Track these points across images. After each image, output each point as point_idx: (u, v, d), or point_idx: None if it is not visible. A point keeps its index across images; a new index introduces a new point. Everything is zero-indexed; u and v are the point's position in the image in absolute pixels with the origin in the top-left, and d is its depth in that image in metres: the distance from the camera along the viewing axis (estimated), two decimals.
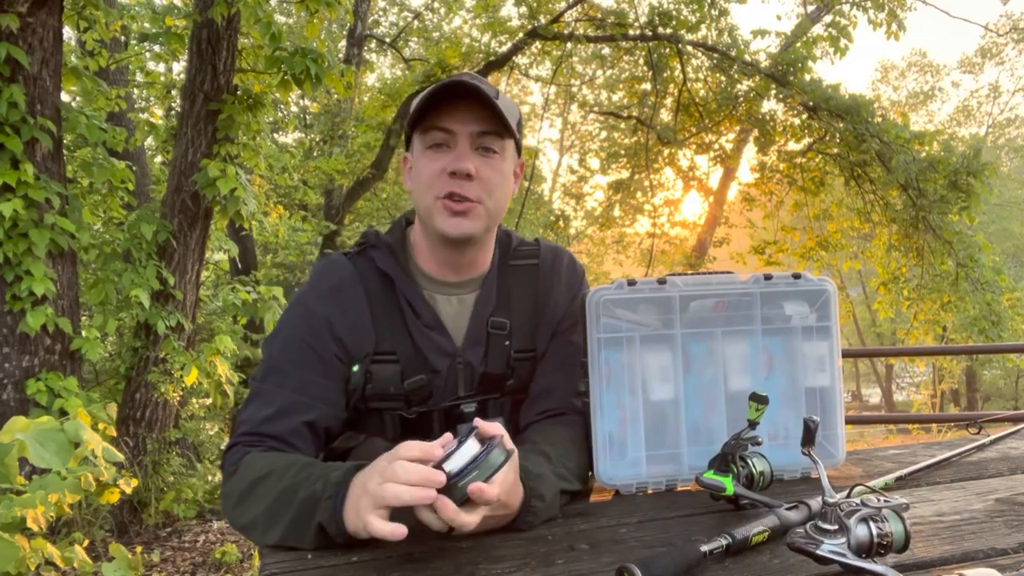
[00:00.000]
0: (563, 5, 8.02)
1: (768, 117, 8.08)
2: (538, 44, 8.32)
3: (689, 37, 7.68)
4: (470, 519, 0.81)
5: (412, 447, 0.83)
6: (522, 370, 1.22)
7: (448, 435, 0.86)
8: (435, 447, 0.83)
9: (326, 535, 0.88)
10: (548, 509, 0.98)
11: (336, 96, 9.10)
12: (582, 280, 1.29)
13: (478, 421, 0.86)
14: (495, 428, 0.85)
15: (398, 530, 0.79)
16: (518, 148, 1.19)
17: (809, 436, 0.88)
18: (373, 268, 1.17)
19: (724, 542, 0.83)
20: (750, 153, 10.74)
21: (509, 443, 0.86)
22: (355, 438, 1.19)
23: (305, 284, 1.19)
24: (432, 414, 1.18)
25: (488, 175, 1.11)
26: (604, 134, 13.46)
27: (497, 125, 1.10)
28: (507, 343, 1.20)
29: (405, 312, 1.16)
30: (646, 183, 10.77)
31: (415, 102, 1.11)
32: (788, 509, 0.90)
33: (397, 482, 0.79)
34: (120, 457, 1.93)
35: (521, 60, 8.98)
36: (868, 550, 0.76)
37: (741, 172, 12.38)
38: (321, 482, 0.89)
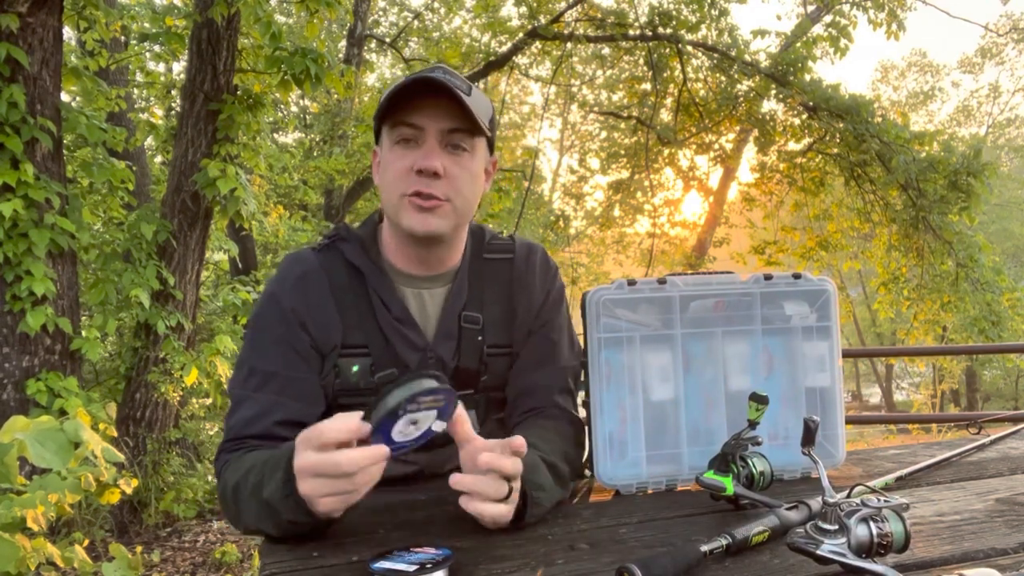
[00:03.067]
0: (563, 5, 8.01)
1: (768, 117, 8.09)
2: (538, 44, 8.31)
3: (689, 37, 7.68)
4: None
5: (334, 422, 0.84)
6: (496, 366, 1.20)
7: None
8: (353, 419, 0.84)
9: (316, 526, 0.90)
10: (550, 497, 0.98)
11: (336, 96, 9.09)
12: (556, 275, 1.27)
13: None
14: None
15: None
16: (491, 146, 1.17)
17: (809, 436, 0.88)
18: (342, 261, 1.15)
19: (724, 542, 0.83)
20: (750, 153, 10.75)
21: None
22: None
23: (273, 277, 1.17)
24: None
25: (456, 173, 1.08)
26: (604, 134, 13.47)
27: (467, 123, 1.07)
28: (480, 338, 1.18)
29: (375, 305, 1.14)
30: (646, 183, 10.78)
31: (385, 93, 1.09)
32: (788, 509, 0.90)
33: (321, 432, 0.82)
34: (120, 457, 1.93)
35: (521, 60, 8.98)
36: (868, 550, 0.76)
37: (741, 172, 12.40)
38: (271, 486, 0.89)
